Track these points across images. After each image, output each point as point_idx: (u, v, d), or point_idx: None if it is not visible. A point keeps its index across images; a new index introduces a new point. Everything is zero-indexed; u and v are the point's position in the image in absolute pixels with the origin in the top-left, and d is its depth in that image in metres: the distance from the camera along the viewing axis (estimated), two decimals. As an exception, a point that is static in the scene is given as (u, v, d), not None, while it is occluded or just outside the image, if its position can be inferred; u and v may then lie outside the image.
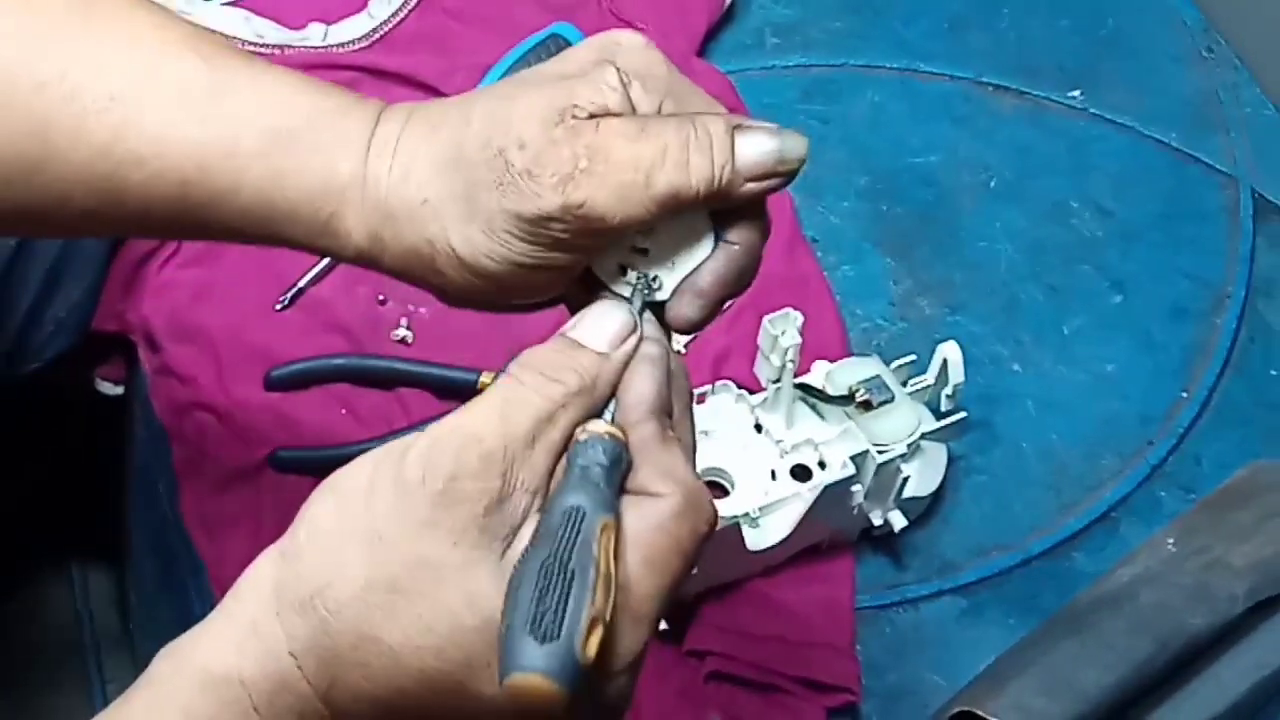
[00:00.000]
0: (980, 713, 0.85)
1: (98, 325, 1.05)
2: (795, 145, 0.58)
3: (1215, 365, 1.14)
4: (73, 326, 1.01)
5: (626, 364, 0.57)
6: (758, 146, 0.58)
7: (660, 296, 0.60)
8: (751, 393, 0.99)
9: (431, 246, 0.59)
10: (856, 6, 1.32)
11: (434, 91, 1.17)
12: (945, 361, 1.00)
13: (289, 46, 1.20)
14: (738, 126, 0.58)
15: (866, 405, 0.98)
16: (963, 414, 1.00)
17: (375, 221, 0.60)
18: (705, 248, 0.60)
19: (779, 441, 0.96)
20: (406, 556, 0.51)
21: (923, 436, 0.97)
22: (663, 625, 0.91)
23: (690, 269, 0.60)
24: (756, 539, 0.94)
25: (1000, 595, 1.01)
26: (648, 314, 0.60)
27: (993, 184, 1.23)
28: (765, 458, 0.96)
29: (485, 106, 0.59)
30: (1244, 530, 0.95)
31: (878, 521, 0.98)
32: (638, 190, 0.56)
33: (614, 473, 0.54)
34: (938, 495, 1.02)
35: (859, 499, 0.96)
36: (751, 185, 0.58)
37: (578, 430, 0.54)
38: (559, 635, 0.48)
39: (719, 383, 0.99)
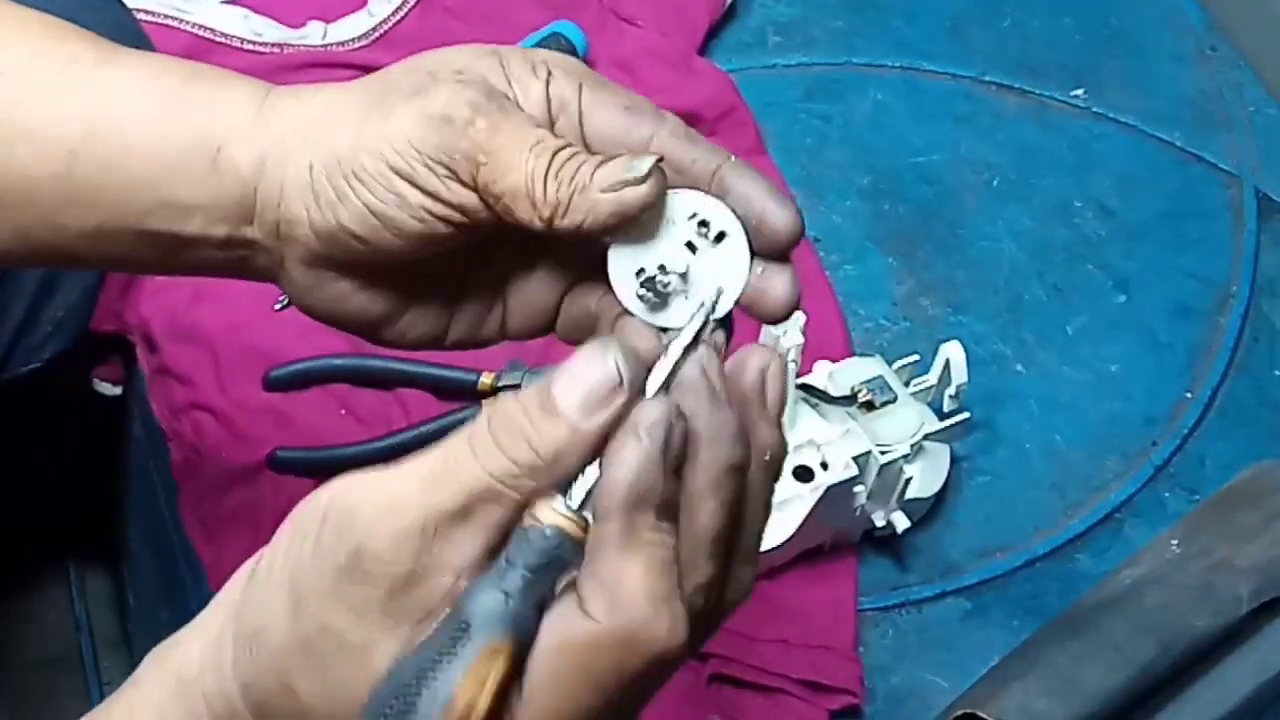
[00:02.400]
0: (983, 715, 0.85)
1: (96, 326, 1.05)
2: (642, 160, 0.53)
3: (1220, 365, 1.13)
4: (71, 327, 1.00)
5: (609, 431, 0.47)
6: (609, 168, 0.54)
7: (719, 311, 0.54)
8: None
9: (310, 171, 0.57)
10: (858, 5, 1.32)
11: (434, 90, 1.17)
12: (948, 361, 0.99)
13: (288, 45, 1.19)
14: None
15: (869, 406, 0.98)
16: (966, 414, 0.99)
17: (263, 143, 0.59)
18: (741, 272, 0.55)
19: (781, 442, 0.96)
20: (316, 620, 0.47)
21: (925, 437, 0.97)
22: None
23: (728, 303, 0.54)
24: (758, 540, 0.94)
25: (1004, 597, 1.01)
26: (698, 354, 0.50)
27: (995, 183, 1.22)
28: (767, 458, 0.96)
29: (425, 55, 0.59)
30: (1249, 531, 0.95)
31: (880, 522, 0.98)
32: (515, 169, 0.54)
33: (541, 578, 0.46)
34: (941, 496, 1.02)
35: (861, 500, 0.96)
36: (605, 195, 0.53)
37: (536, 505, 0.47)
38: None
39: (721, 383, 0.99)
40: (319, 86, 0.61)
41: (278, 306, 1.06)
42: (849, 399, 0.98)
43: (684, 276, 0.54)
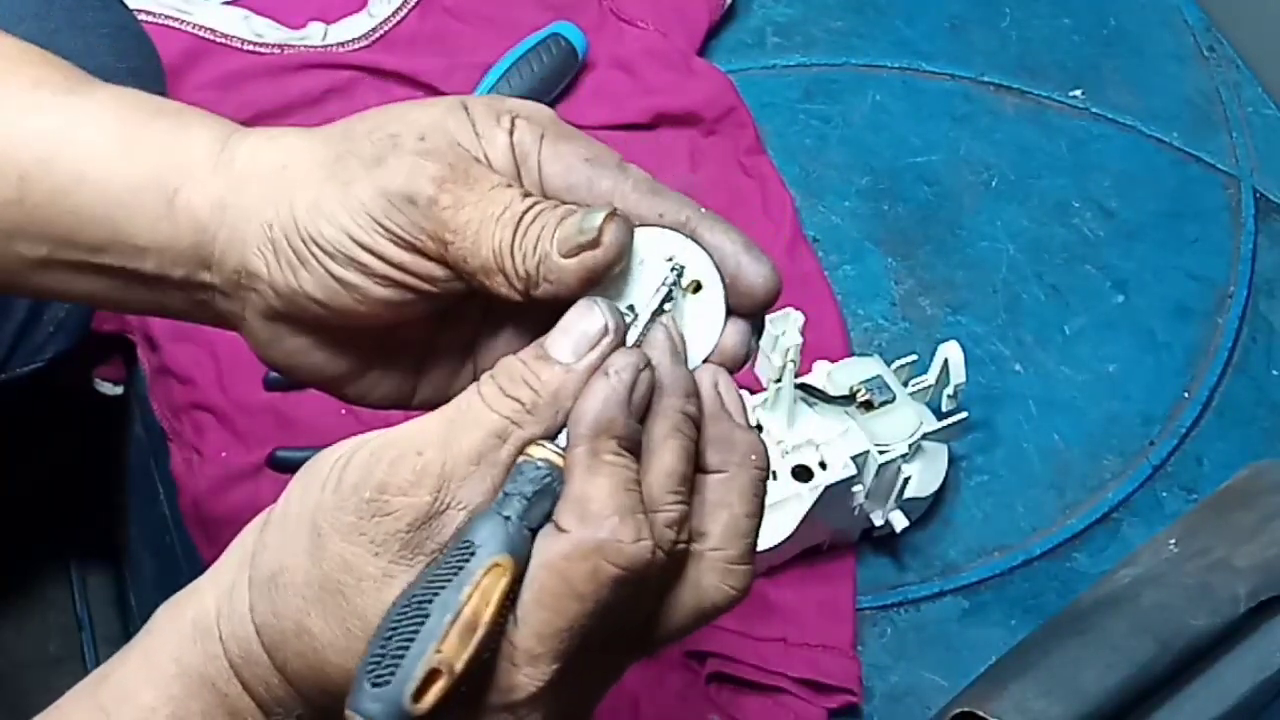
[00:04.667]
0: (981, 713, 0.85)
1: (97, 325, 1.05)
2: (591, 218, 0.53)
3: (1217, 365, 1.14)
4: (72, 326, 1.00)
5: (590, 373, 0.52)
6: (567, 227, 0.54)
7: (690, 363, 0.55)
8: (752, 393, 0.98)
9: (269, 230, 0.57)
10: (858, 5, 1.32)
11: (434, 91, 1.17)
12: (946, 361, 1.00)
13: (288, 46, 1.19)
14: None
15: (868, 405, 0.98)
16: (964, 414, 1.00)
17: (222, 190, 0.58)
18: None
19: (780, 442, 0.96)
20: (335, 557, 0.50)
21: (924, 437, 0.97)
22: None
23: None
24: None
25: (1002, 596, 1.02)
26: (663, 320, 0.54)
27: (994, 183, 1.23)
28: (766, 458, 0.96)
29: (390, 111, 0.58)
30: (1246, 531, 0.95)
31: (879, 522, 0.98)
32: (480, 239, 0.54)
33: (535, 505, 0.50)
34: (939, 495, 1.02)
35: (860, 499, 0.96)
36: (568, 261, 0.53)
37: (530, 448, 0.51)
38: (389, 682, 0.47)
39: (719, 383, 0.99)
40: (281, 131, 0.59)
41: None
42: (848, 399, 0.98)
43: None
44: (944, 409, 1.01)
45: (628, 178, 0.56)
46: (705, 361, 0.56)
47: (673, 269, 0.55)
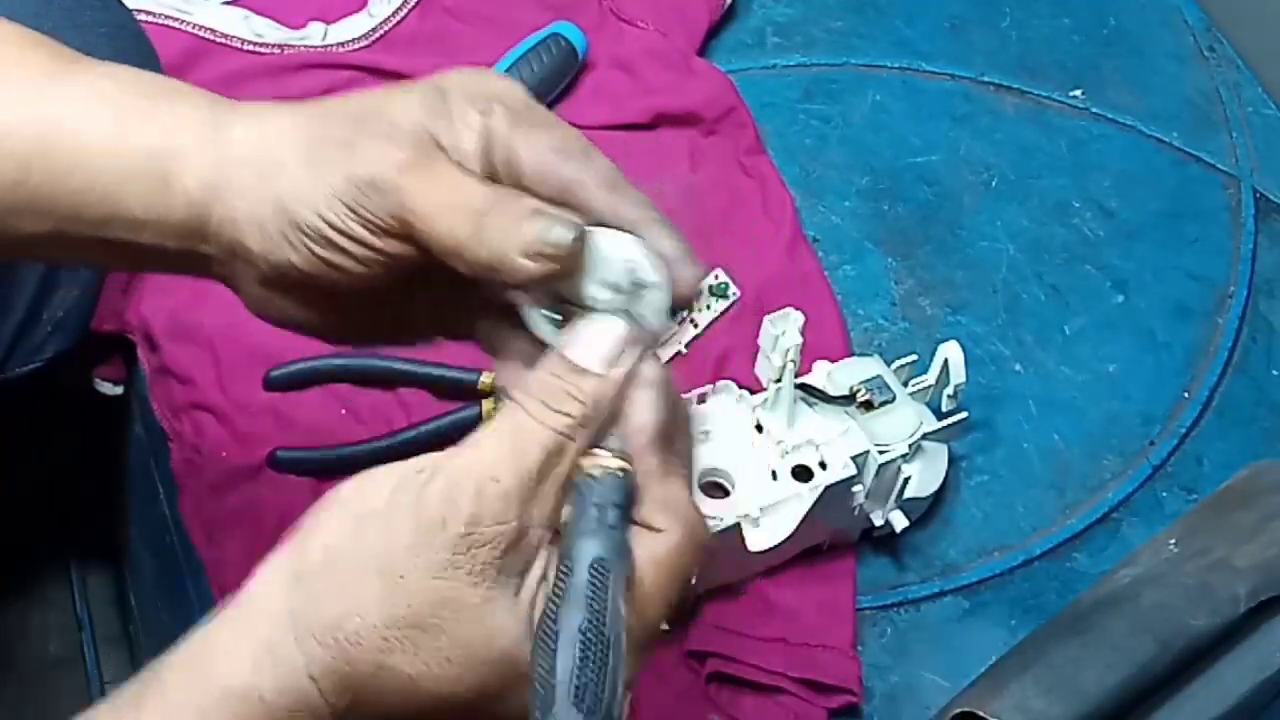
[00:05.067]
0: (981, 713, 0.85)
1: (96, 325, 1.05)
2: (561, 232, 0.56)
3: (1217, 365, 1.14)
4: (71, 326, 1.00)
5: (625, 382, 0.57)
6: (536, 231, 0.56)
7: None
8: (753, 393, 0.98)
9: (256, 212, 0.60)
10: (858, 5, 1.33)
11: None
12: (946, 361, 1.00)
13: (289, 46, 1.20)
14: (537, 211, 0.57)
15: (868, 405, 0.98)
16: (964, 414, 1.00)
17: (213, 171, 0.60)
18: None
19: (780, 442, 0.96)
20: (428, 595, 0.53)
21: (924, 437, 0.97)
22: (664, 626, 0.91)
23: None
24: (758, 539, 0.94)
25: (1002, 596, 1.02)
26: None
27: (994, 183, 1.23)
28: (766, 458, 0.96)
29: (368, 95, 0.61)
30: (1246, 531, 0.95)
31: (879, 522, 0.98)
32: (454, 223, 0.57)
33: (628, 511, 0.55)
34: (939, 495, 1.02)
35: (860, 499, 0.96)
36: (527, 262, 0.56)
37: (583, 460, 0.55)
38: (600, 708, 0.52)
39: (720, 383, 0.99)
40: (270, 109, 0.62)
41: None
42: (848, 399, 0.98)
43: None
44: (944, 409, 1.01)
45: (591, 169, 0.58)
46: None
47: (628, 269, 0.57)
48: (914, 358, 1.02)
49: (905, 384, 1.00)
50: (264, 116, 0.61)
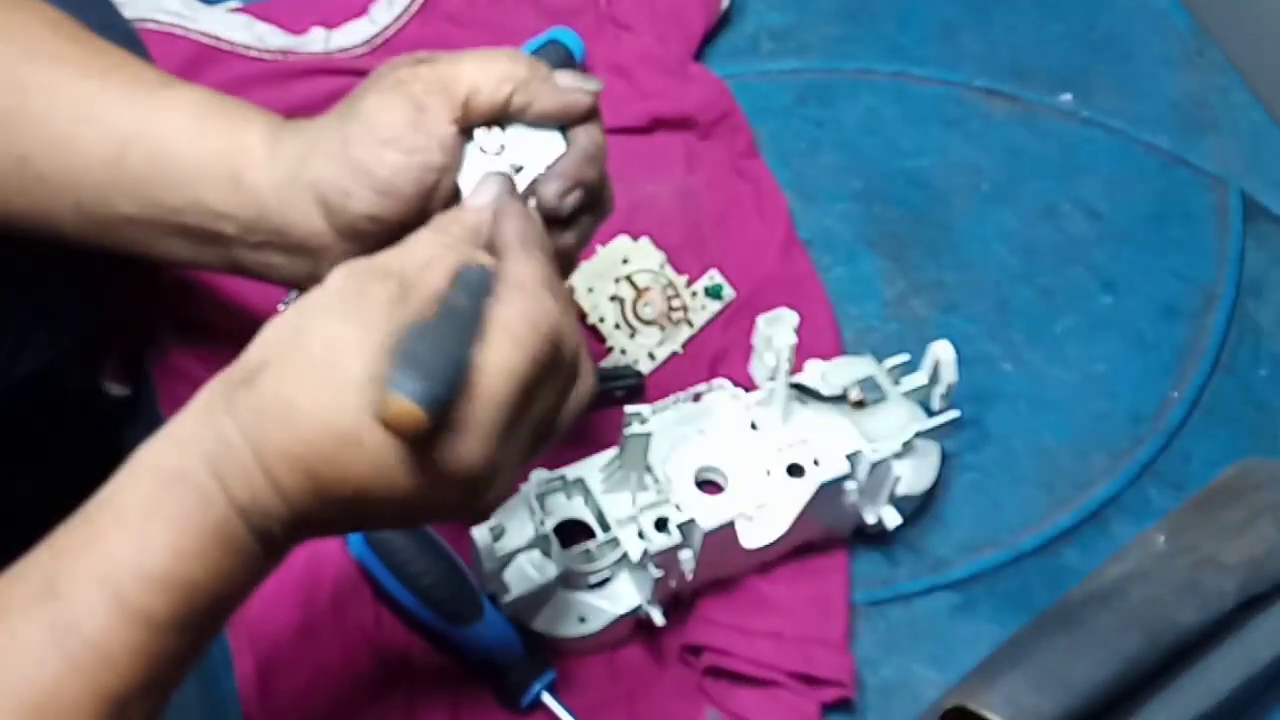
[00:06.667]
0: (973, 707, 0.86)
1: (104, 326, 1.06)
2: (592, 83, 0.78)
3: (1205, 365, 1.14)
4: (78, 328, 1.01)
5: (495, 214, 0.72)
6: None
7: (522, 181, 0.77)
8: (747, 391, 1.00)
9: (314, 189, 0.76)
10: (851, 11, 1.33)
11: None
12: (938, 361, 1.00)
13: (291, 51, 1.20)
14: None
15: (860, 404, 0.99)
16: (955, 413, 1.00)
17: (277, 176, 0.77)
18: (557, 148, 0.78)
19: (774, 439, 0.97)
20: (321, 335, 0.63)
21: (916, 435, 0.98)
22: (660, 621, 0.92)
23: (547, 164, 0.77)
24: (752, 536, 0.95)
25: (992, 591, 1.02)
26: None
27: (984, 186, 1.23)
28: (760, 456, 0.97)
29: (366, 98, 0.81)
30: (1233, 527, 0.95)
31: (871, 519, 0.99)
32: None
33: (485, 290, 0.66)
34: (931, 493, 1.02)
35: (853, 497, 0.97)
36: (566, 82, 0.77)
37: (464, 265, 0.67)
38: (436, 376, 0.60)
39: (715, 381, 1.00)
40: (310, 122, 0.79)
41: (283, 306, 1.06)
42: (840, 398, 0.99)
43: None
44: (935, 408, 1.01)
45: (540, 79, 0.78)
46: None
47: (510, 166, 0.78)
48: (906, 357, 1.03)
49: (897, 383, 1.01)
50: (308, 125, 0.79)
